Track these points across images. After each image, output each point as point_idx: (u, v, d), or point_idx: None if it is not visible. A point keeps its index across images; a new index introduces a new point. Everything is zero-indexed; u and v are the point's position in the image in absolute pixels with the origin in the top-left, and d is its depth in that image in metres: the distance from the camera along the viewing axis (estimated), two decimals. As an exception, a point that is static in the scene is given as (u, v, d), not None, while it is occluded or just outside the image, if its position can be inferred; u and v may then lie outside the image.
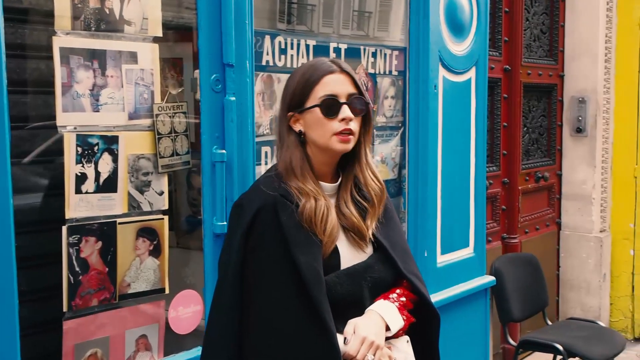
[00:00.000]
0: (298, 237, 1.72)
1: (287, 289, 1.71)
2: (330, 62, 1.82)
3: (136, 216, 2.00)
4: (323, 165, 1.84)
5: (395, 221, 1.98)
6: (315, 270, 1.70)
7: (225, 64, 2.13)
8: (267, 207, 1.74)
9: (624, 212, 5.37)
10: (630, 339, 5.29)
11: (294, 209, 1.74)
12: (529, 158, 4.99)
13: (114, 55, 1.92)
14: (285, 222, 1.72)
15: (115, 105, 1.92)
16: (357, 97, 1.79)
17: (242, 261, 1.74)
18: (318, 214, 1.74)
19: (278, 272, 1.73)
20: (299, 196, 1.75)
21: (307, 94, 1.78)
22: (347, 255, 1.82)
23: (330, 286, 1.73)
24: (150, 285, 2.05)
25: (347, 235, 1.83)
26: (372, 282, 1.82)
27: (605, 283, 5.32)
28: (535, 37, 4.99)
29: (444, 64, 3.00)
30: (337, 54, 2.64)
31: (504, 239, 4.70)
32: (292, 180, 1.78)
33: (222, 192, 2.12)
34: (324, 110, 1.76)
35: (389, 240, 1.88)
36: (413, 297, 1.89)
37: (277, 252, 1.72)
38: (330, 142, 1.77)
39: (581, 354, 3.78)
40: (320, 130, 1.78)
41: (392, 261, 1.86)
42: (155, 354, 2.09)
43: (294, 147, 1.81)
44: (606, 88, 5.24)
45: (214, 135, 2.12)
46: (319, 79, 1.78)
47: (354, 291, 1.79)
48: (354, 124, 1.78)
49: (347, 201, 1.84)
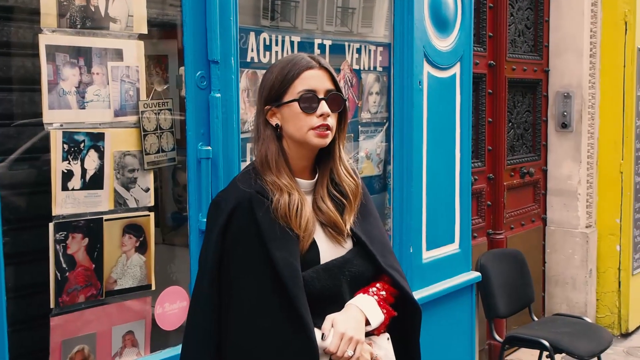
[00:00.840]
0: (274, 233, 1.72)
1: (263, 285, 1.72)
2: (309, 58, 1.82)
3: (122, 213, 2.01)
4: (299, 160, 1.83)
5: (375, 216, 1.98)
6: (292, 266, 1.70)
7: (210, 60, 2.14)
8: (243, 204, 1.74)
9: (609, 208, 5.38)
10: (617, 335, 5.30)
11: (269, 205, 1.74)
12: (514, 154, 5.02)
13: (100, 52, 1.93)
14: (261, 219, 1.72)
15: (101, 102, 1.93)
16: (335, 94, 1.80)
17: (220, 259, 1.74)
18: (292, 208, 1.74)
19: (254, 268, 1.73)
20: (274, 191, 1.76)
21: (286, 89, 1.79)
22: (326, 250, 1.81)
23: (308, 281, 1.73)
24: (137, 282, 2.06)
25: (325, 230, 1.83)
26: (350, 276, 1.82)
27: (592, 279, 5.33)
28: (519, 32, 5.02)
29: (428, 60, 3.02)
30: (322, 50, 2.65)
31: (489, 234, 4.72)
32: (267, 174, 1.78)
33: (207, 188, 2.14)
34: (302, 106, 1.76)
35: (367, 235, 1.88)
36: (393, 291, 1.89)
37: (253, 248, 1.73)
38: (307, 137, 1.78)
39: (568, 349, 3.78)
40: (298, 124, 1.78)
41: (371, 256, 1.86)
42: (142, 350, 2.10)
43: (270, 141, 1.81)
44: (591, 83, 5.27)
45: (200, 132, 2.13)
46: (299, 74, 1.78)
47: (332, 286, 1.78)
48: (332, 119, 1.79)
49: (324, 197, 1.84)
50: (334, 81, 1.82)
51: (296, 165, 1.83)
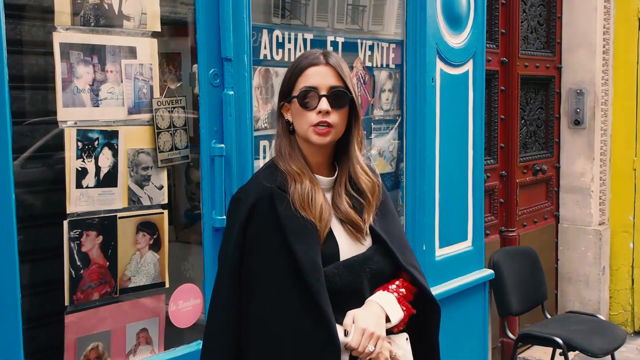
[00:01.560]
0: (294, 226, 1.73)
1: (285, 279, 1.72)
2: (319, 54, 1.82)
3: (136, 210, 2.01)
4: (313, 156, 1.84)
5: (393, 215, 1.99)
6: (313, 260, 1.71)
7: (223, 58, 2.14)
8: (264, 198, 1.75)
9: (623, 205, 5.35)
10: (630, 333, 5.28)
11: (289, 200, 1.75)
12: (526, 151, 5.00)
13: (113, 50, 1.93)
14: (282, 213, 1.74)
15: (115, 100, 1.94)
16: (340, 91, 1.79)
17: (241, 253, 1.75)
18: (305, 195, 1.76)
19: (276, 262, 1.74)
20: (290, 183, 1.78)
21: (293, 85, 1.81)
22: (346, 246, 1.82)
23: (329, 277, 1.74)
24: (151, 279, 2.06)
25: (344, 227, 1.83)
26: (371, 273, 1.83)
27: (605, 276, 5.31)
28: (532, 29, 4.99)
29: (441, 57, 3.01)
30: (335, 47, 2.65)
31: (502, 232, 4.71)
32: (281, 162, 1.81)
33: (221, 186, 2.14)
34: (301, 102, 1.78)
35: (387, 232, 1.89)
36: (412, 288, 1.89)
37: (274, 243, 1.73)
38: (308, 134, 1.79)
39: (581, 347, 3.75)
40: (300, 121, 1.80)
41: (390, 253, 1.87)
42: (155, 348, 2.10)
43: (283, 135, 1.84)
44: (604, 80, 5.24)
45: (213, 130, 2.13)
46: (303, 70, 1.80)
47: (353, 282, 1.79)
48: (335, 117, 1.78)
49: (342, 195, 1.85)
50: (341, 78, 1.80)
51: (312, 162, 1.84)
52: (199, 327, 2.16)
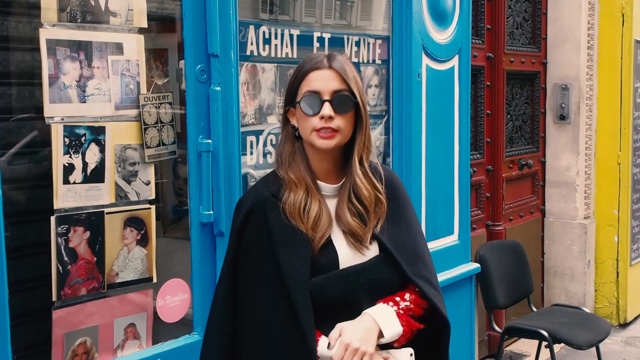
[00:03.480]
0: (284, 235, 1.70)
1: (271, 290, 1.71)
2: (322, 57, 1.78)
3: (123, 206, 2.02)
4: (319, 162, 1.80)
5: (409, 223, 1.88)
6: (297, 271, 1.68)
7: (210, 54, 2.14)
8: (258, 206, 1.74)
9: (608, 199, 5.39)
10: (615, 325, 5.33)
11: (281, 208, 1.73)
12: (512, 145, 5.03)
13: (100, 46, 1.93)
14: (272, 221, 1.72)
15: (102, 96, 1.94)
16: (344, 95, 1.74)
17: (235, 261, 1.76)
18: (297, 205, 1.72)
19: (264, 272, 1.72)
20: (285, 190, 1.75)
21: (296, 89, 1.78)
22: (346, 256, 1.76)
23: (317, 288, 1.69)
24: (138, 275, 2.07)
25: (345, 237, 1.78)
26: (369, 284, 1.74)
27: (590, 269, 5.35)
28: (517, 24, 5.02)
29: (427, 53, 3.02)
30: (321, 43, 2.66)
31: (488, 226, 4.74)
32: (281, 170, 1.79)
33: (208, 181, 2.14)
34: (303, 107, 1.74)
35: (394, 241, 1.80)
36: (422, 302, 1.79)
37: (264, 252, 1.72)
38: (312, 139, 1.74)
39: (566, 339, 3.79)
40: (304, 126, 1.76)
41: (396, 264, 1.77)
42: (143, 342, 2.11)
43: (287, 140, 1.81)
44: (589, 75, 5.27)
45: (200, 125, 2.14)
46: (305, 74, 1.76)
47: (346, 294, 1.72)
48: (340, 121, 1.73)
49: (344, 203, 1.78)
50: (346, 82, 1.75)
51: (317, 168, 1.81)
52: (187, 322, 2.18)
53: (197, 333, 2.17)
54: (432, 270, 1.85)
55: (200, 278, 2.17)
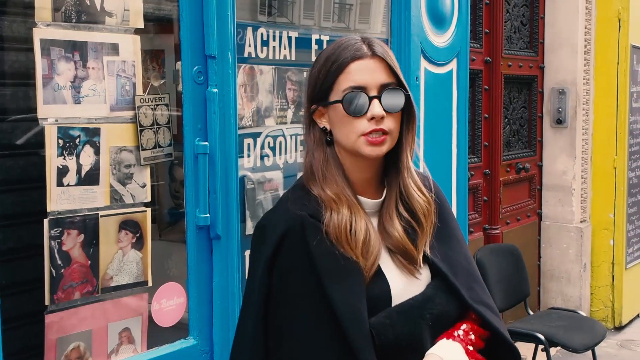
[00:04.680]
0: (332, 266, 1.41)
1: (320, 332, 1.42)
2: (360, 43, 1.48)
3: (118, 209, 1.99)
4: (358, 172, 1.51)
5: (457, 238, 1.62)
6: (354, 308, 1.39)
7: (207, 55, 2.12)
8: (294, 230, 1.45)
9: (603, 203, 5.41)
10: (611, 328, 5.35)
11: (324, 232, 1.44)
12: (510, 149, 5.03)
13: (95, 47, 1.90)
14: (315, 249, 1.42)
15: (97, 97, 1.91)
16: (393, 89, 1.46)
17: (267, 297, 1.47)
18: (341, 227, 1.43)
19: (309, 311, 1.43)
20: (325, 210, 1.46)
21: (331, 85, 1.47)
22: (398, 283, 1.49)
23: (380, 330, 1.41)
24: (133, 278, 2.04)
25: (394, 258, 1.50)
26: (432, 319, 1.47)
27: (586, 273, 5.37)
28: (515, 28, 5.02)
29: (425, 56, 3.01)
30: (320, 45, 2.64)
31: (485, 229, 4.73)
32: (313, 187, 1.49)
33: (204, 184, 2.12)
34: (347, 108, 1.43)
35: (449, 263, 1.53)
36: (483, 332, 1.54)
37: (306, 287, 1.43)
38: (358, 145, 1.45)
39: (563, 343, 3.82)
40: (345, 130, 1.46)
41: (454, 290, 1.51)
42: (138, 347, 2.08)
43: (317, 146, 1.51)
44: (586, 79, 5.29)
45: (197, 127, 2.12)
46: (344, 66, 1.46)
47: (411, 333, 1.44)
48: (390, 122, 1.45)
49: (392, 217, 1.51)
50: (393, 72, 1.48)
51: (356, 179, 1.52)
52: (182, 326, 2.15)
53: (192, 337, 2.15)
54: (487, 290, 1.61)
55: (196, 282, 2.15)
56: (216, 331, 2.18)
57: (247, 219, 2.38)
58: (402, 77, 1.49)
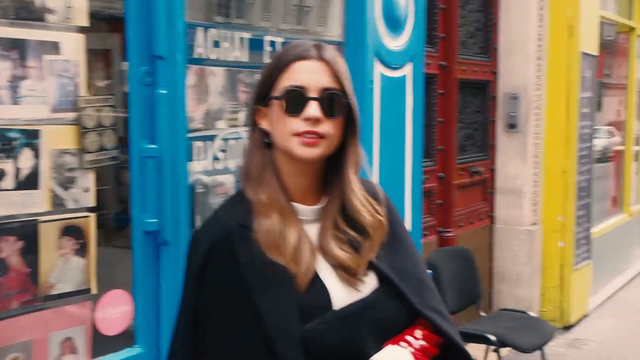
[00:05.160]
0: (261, 275, 1.36)
1: (248, 345, 1.36)
2: (310, 46, 1.46)
3: (60, 214, 1.92)
4: (295, 178, 1.45)
5: (406, 243, 1.57)
6: (283, 317, 1.34)
7: (155, 56, 2.06)
8: (222, 242, 1.40)
9: (554, 206, 5.52)
10: (560, 328, 5.47)
11: (254, 241, 1.39)
12: (464, 153, 5.07)
13: (35, 45, 1.83)
14: (244, 260, 1.37)
15: (37, 97, 1.84)
16: (334, 94, 1.41)
17: (195, 314, 1.43)
18: (271, 232, 1.38)
19: (238, 325, 1.38)
20: (256, 216, 1.41)
21: (273, 83, 1.44)
22: (340, 294, 1.42)
23: (314, 337, 1.34)
24: (76, 286, 1.97)
25: (336, 271, 1.43)
26: (375, 325, 1.41)
27: (536, 274, 5.47)
28: (470, 34, 5.06)
29: (380, 59, 2.99)
30: (273, 47, 2.60)
31: (439, 232, 4.76)
32: (248, 190, 1.44)
33: (152, 188, 2.06)
34: (284, 104, 1.40)
35: (396, 268, 1.48)
36: (436, 339, 1.48)
37: (235, 299, 1.38)
38: (290, 145, 1.40)
39: (513, 343, 3.91)
40: (280, 128, 1.42)
41: (402, 296, 1.45)
42: (81, 357, 2.01)
43: (256, 149, 1.46)
44: (538, 85, 5.37)
45: (144, 130, 2.05)
46: (287, 65, 1.43)
47: (350, 340, 1.37)
48: (328, 127, 1.40)
49: (330, 230, 1.45)
50: (338, 78, 1.44)
51: (293, 185, 1.46)
52: (128, 335, 2.09)
53: (139, 346, 2.09)
54: (438, 297, 1.56)
55: (143, 289, 2.09)
56: (163, 340, 2.11)
57: (197, 224, 2.32)
58: (348, 86, 1.44)
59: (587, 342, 5.31)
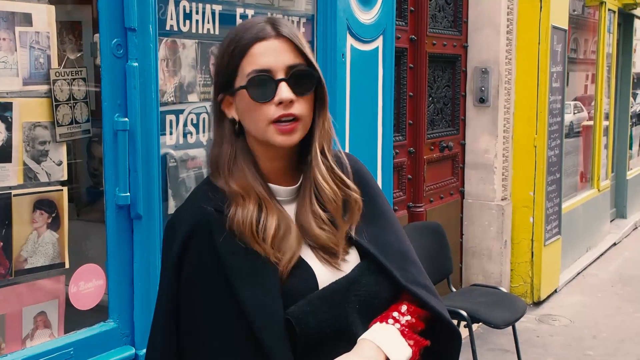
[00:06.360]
0: (241, 263, 1.32)
1: (232, 335, 1.33)
2: (263, 24, 1.37)
3: (32, 187, 1.91)
4: (270, 162, 1.41)
5: (388, 218, 1.52)
6: (266, 306, 1.31)
7: (127, 28, 2.04)
8: (199, 228, 1.35)
9: (524, 181, 5.54)
10: (530, 304, 5.52)
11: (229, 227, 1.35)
12: (434, 128, 5.09)
13: (7, 16, 1.80)
14: (222, 247, 1.33)
15: (9, 70, 1.81)
16: (301, 70, 1.35)
17: (176, 301, 1.38)
18: (247, 221, 1.33)
19: (220, 315, 1.34)
20: (229, 203, 1.36)
21: (235, 70, 1.36)
22: (325, 274, 1.38)
23: (299, 319, 1.31)
24: (49, 260, 1.96)
25: (315, 253, 1.40)
26: (359, 302, 1.38)
27: (506, 250, 5.50)
28: (440, 7, 5.06)
29: (351, 33, 2.99)
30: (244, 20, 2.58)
31: (409, 207, 4.78)
32: (217, 181, 1.39)
33: (124, 161, 2.05)
34: (252, 93, 1.33)
35: (377, 243, 1.44)
36: (422, 312, 1.45)
37: (216, 288, 1.34)
38: (268, 135, 1.34)
39: (484, 319, 3.89)
40: (253, 118, 1.35)
41: (385, 271, 1.41)
42: (55, 331, 2.01)
43: (225, 140, 1.40)
44: (508, 59, 5.38)
45: (116, 103, 2.04)
46: (247, 49, 1.34)
47: (335, 318, 1.34)
48: (300, 106, 1.35)
49: (307, 208, 1.40)
50: (301, 52, 1.37)
51: (269, 168, 1.42)
52: (102, 309, 2.10)
53: (112, 320, 2.10)
54: (423, 272, 1.52)
55: (116, 263, 2.09)
56: (137, 314, 2.13)
57: (170, 198, 2.32)
58: (311, 57, 1.38)
59: (557, 317, 5.37)
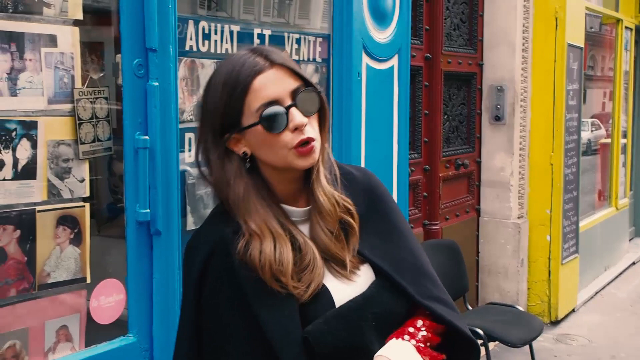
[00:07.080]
0: (260, 287, 1.34)
1: (252, 354, 1.35)
2: (254, 57, 1.39)
3: (56, 204, 1.95)
4: (284, 185, 1.44)
5: (400, 231, 1.52)
6: (285, 329, 1.33)
7: (148, 48, 2.09)
8: (220, 248, 1.38)
9: (540, 199, 5.51)
10: (547, 323, 5.46)
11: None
12: (449, 145, 5.10)
13: (33, 38, 1.86)
14: (241, 271, 1.35)
15: (34, 89, 1.87)
16: (304, 90, 1.38)
17: (198, 321, 1.41)
18: (265, 264, 1.34)
19: (240, 334, 1.36)
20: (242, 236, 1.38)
21: (240, 109, 1.37)
22: (340, 292, 1.40)
23: (317, 338, 1.33)
24: (71, 275, 2.00)
25: (329, 267, 1.41)
26: (375, 319, 1.39)
27: (523, 268, 5.45)
28: (455, 26, 5.09)
29: (367, 52, 3.03)
30: (262, 40, 2.63)
31: (425, 225, 4.79)
32: (236, 218, 1.40)
33: (145, 178, 2.10)
34: (267, 126, 1.35)
35: (389, 258, 1.45)
36: (438, 327, 1.45)
37: (236, 308, 1.36)
38: (289, 159, 1.37)
39: (501, 338, 3.87)
40: (272, 149, 1.37)
41: (399, 287, 1.42)
42: (76, 345, 2.05)
43: (237, 178, 1.40)
44: (523, 77, 5.39)
45: (137, 121, 2.09)
46: (247, 86, 1.36)
47: (352, 336, 1.36)
48: (311, 126, 1.38)
49: (316, 224, 1.43)
50: (297, 74, 1.40)
51: (284, 191, 1.44)
52: (122, 323, 2.13)
53: (132, 334, 2.12)
54: (440, 285, 1.51)
55: (136, 278, 2.12)
56: (156, 328, 2.16)
57: (188, 214, 2.36)
58: (307, 76, 1.41)
59: (575, 337, 5.31)
